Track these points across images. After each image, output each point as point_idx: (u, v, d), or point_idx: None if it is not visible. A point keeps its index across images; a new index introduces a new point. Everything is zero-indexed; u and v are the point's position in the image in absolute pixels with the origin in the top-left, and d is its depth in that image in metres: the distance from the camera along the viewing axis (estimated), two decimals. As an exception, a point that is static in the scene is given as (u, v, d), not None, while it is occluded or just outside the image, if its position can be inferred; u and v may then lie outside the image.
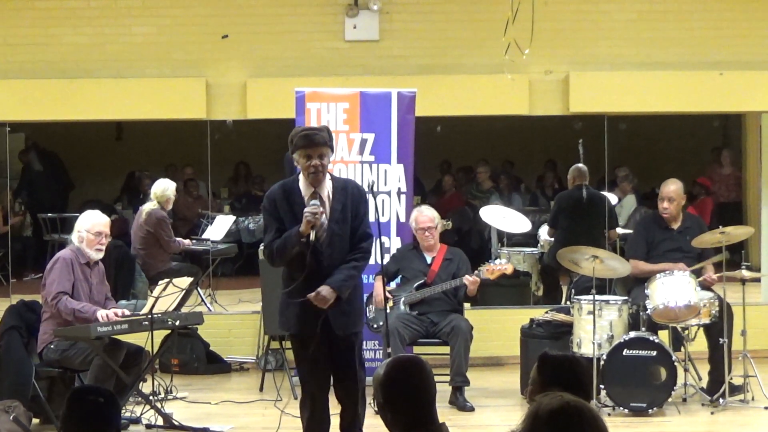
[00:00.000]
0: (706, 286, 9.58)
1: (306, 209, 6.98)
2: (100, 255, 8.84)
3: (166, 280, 8.69)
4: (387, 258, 9.87)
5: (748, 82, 11.94)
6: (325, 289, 7.04)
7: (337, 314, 7.11)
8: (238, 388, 10.49)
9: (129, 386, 8.57)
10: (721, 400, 9.26)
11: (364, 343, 8.44)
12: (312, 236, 6.96)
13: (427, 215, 9.83)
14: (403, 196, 10.40)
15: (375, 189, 9.44)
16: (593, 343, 9.13)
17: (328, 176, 7.22)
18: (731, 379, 9.37)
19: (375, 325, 9.72)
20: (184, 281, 8.86)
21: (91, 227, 8.81)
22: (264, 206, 7.29)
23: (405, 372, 4.36)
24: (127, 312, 8.67)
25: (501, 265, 9.61)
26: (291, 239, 7.03)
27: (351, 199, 7.19)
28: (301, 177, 7.21)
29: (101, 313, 8.49)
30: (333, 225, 7.10)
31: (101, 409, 4.40)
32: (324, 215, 7.09)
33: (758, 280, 11.93)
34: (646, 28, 12.00)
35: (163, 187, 11.90)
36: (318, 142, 7.06)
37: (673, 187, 9.85)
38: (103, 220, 8.90)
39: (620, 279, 10.31)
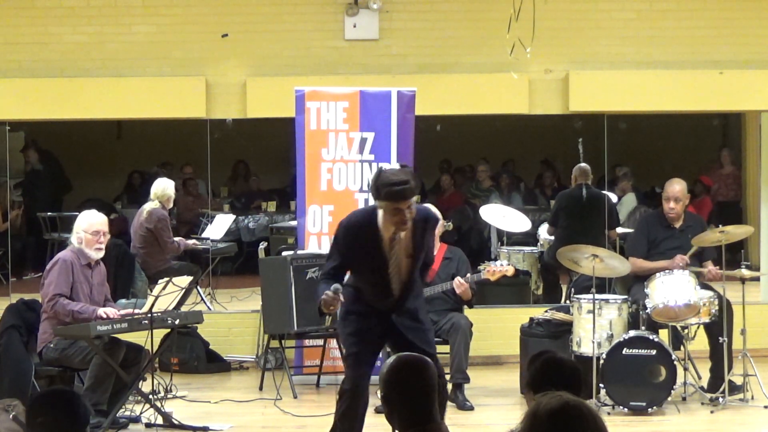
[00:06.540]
0: (706, 285, 9.59)
1: (323, 297, 6.73)
2: (101, 254, 8.81)
3: (166, 279, 8.67)
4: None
5: (748, 81, 11.94)
6: None
7: (419, 332, 6.99)
8: (237, 387, 10.49)
9: (129, 385, 8.56)
10: (720, 399, 9.26)
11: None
12: (328, 321, 6.74)
13: None
14: (402, 195, 10.36)
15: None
16: (593, 342, 9.12)
17: None
18: (731, 375, 9.37)
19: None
20: (184, 280, 8.84)
21: (88, 227, 8.78)
22: (336, 234, 7.02)
23: (409, 371, 4.43)
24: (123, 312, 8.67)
25: (502, 266, 9.59)
26: (318, 298, 6.83)
27: (429, 232, 7.05)
28: (380, 212, 6.85)
29: (101, 311, 8.49)
30: (417, 261, 6.93)
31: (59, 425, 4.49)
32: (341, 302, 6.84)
33: (758, 279, 11.93)
34: (645, 27, 11.99)
35: (163, 186, 11.89)
36: (409, 196, 6.71)
37: (678, 187, 9.84)
38: (99, 219, 8.87)
39: (620, 277, 10.30)
